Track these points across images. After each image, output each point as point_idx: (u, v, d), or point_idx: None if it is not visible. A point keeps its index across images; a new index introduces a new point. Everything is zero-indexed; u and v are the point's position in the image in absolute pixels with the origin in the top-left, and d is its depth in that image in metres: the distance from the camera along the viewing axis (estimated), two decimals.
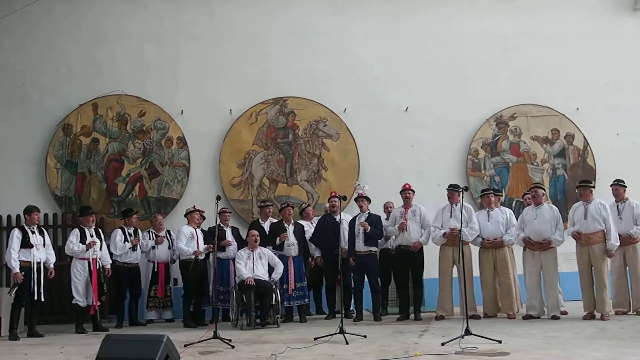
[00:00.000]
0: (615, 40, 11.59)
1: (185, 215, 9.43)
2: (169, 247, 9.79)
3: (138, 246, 9.49)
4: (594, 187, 8.78)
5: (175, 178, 10.81)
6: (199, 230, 9.26)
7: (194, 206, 9.44)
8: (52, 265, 8.52)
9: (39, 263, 8.30)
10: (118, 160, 10.79)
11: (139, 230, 9.77)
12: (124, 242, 9.39)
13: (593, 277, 8.32)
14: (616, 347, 6.06)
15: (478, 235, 8.93)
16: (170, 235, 9.90)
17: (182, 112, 10.96)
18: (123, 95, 10.89)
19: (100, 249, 8.92)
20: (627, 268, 8.73)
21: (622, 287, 8.72)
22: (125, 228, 9.56)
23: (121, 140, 10.85)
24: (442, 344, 6.35)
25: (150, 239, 9.78)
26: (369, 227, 8.82)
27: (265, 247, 9.15)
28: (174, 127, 10.91)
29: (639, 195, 9.13)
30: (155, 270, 9.74)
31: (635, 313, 8.53)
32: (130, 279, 9.45)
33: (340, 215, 8.57)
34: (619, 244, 8.37)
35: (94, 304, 8.70)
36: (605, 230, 8.29)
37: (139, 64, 11.10)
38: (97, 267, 8.79)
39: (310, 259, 9.43)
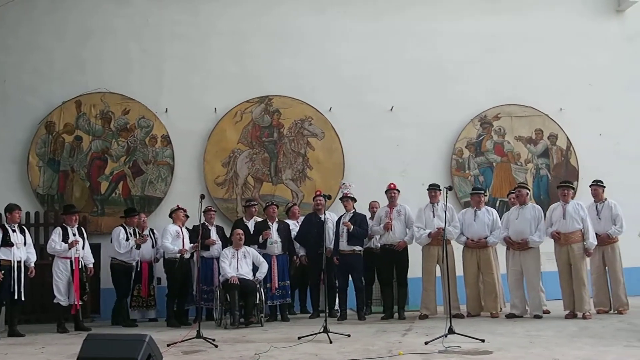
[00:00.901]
0: (598, 42, 11.71)
1: (170, 214, 9.37)
2: (153, 246, 9.72)
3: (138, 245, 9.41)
4: (574, 188, 8.84)
5: (159, 177, 10.75)
6: (184, 229, 9.21)
7: (178, 205, 9.38)
8: (32, 264, 8.42)
9: (19, 262, 8.20)
10: (101, 158, 10.73)
11: (142, 230, 9.75)
12: (126, 241, 9.32)
13: (572, 276, 8.39)
14: (597, 345, 6.11)
15: (461, 234, 8.97)
16: (153, 234, 9.84)
17: (166, 110, 10.91)
18: (107, 93, 10.84)
19: (83, 247, 8.84)
20: (606, 268, 8.80)
21: (602, 286, 8.79)
22: (126, 227, 9.47)
23: (104, 139, 10.78)
24: (426, 343, 6.37)
25: (134, 237, 9.70)
26: (352, 227, 8.83)
27: (250, 246, 9.12)
28: (158, 126, 10.85)
29: (621, 195, 9.23)
30: (139, 269, 9.67)
31: (616, 312, 8.61)
32: (127, 278, 9.36)
33: (325, 215, 8.57)
34: (596, 243, 8.45)
35: (76, 303, 8.62)
36: (583, 230, 8.38)
37: (123, 61, 11.05)
38: (80, 266, 8.71)
39: (295, 257, 9.42)
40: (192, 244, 9.08)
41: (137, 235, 9.63)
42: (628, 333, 6.84)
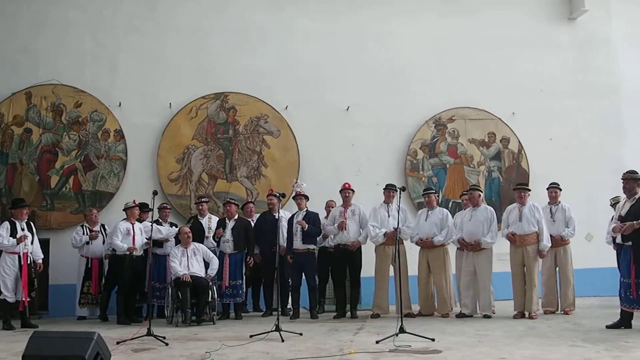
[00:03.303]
0: (550, 48, 11.98)
1: (125, 210, 9.16)
2: (104, 243, 9.55)
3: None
4: (529, 190, 9.03)
5: (111, 171, 10.56)
6: (136, 226, 9.06)
7: (134, 201, 9.22)
8: None
9: None
10: (52, 151, 10.47)
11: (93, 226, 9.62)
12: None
13: (525, 278, 8.58)
14: (543, 345, 6.26)
15: (417, 234, 9.07)
16: (105, 230, 9.67)
17: (120, 105, 10.72)
18: (59, 85, 10.59)
19: (32, 243, 8.64)
20: (557, 269, 9.02)
21: (551, 287, 9.01)
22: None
23: (55, 132, 10.53)
24: (377, 342, 6.42)
25: (84, 233, 9.53)
26: (307, 226, 8.84)
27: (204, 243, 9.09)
28: (111, 120, 10.66)
29: (569, 199, 9.47)
30: (89, 265, 9.49)
31: (563, 312, 8.84)
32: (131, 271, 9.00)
33: (279, 213, 8.56)
34: (550, 245, 8.65)
35: (24, 299, 8.41)
36: (538, 232, 8.57)
37: (76, 54, 10.81)
38: (28, 262, 8.50)
39: (248, 257, 9.36)
40: (145, 241, 8.94)
41: (88, 231, 9.48)
42: (573, 333, 7.03)
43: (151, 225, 8.12)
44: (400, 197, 8.06)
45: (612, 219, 8.79)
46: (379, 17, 11.57)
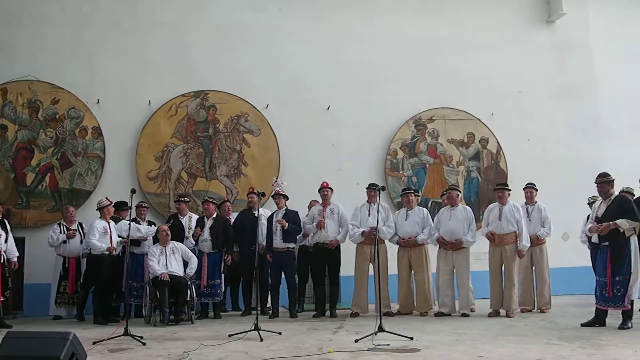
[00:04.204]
0: (528, 51, 12.10)
1: (99, 209, 9.06)
2: (81, 242, 9.44)
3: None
4: (510, 190, 9.12)
5: (89, 169, 10.44)
6: (112, 224, 8.98)
7: (107, 198, 9.13)
8: None
9: None
10: (27, 149, 10.32)
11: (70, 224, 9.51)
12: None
13: (502, 277, 8.65)
14: (520, 343, 6.32)
15: (395, 234, 9.10)
16: (82, 228, 9.56)
17: (98, 102, 10.61)
18: (35, 81, 10.43)
19: (6, 241, 8.52)
20: (534, 268, 9.11)
21: (528, 286, 9.10)
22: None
23: (32, 128, 10.38)
24: (356, 341, 6.43)
25: (61, 232, 9.41)
26: (287, 225, 8.83)
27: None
28: (89, 117, 10.54)
29: (546, 199, 9.58)
30: (66, 265, 9.38)
31: (539, 311, 8.93)
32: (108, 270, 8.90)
33: (259, 211, 8.54)
34: (529, 245, 8.75)
35: None
36: (517, 232, 8.65)
37: (53, 49, 10.64)
38: (2, 261, 8.38)
39: (226, 256, 9.31)
40: (120, 239, 8.86)
41: (65, 230, 9.38)
42: (549, 331, 7.12)
43: (129, 224, 8.05)
44: (379, 197, 8.09)
45: (587, 219, 8.92)
46: (360, 18, 11.59)
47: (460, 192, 9.45)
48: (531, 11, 12.33)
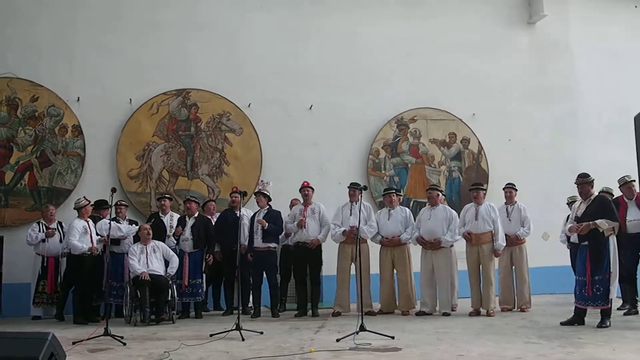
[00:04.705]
0: (510, 51, 12.20)
1: (77, 209, 8.94)
2: (60, 241, 9.34)
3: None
4: (485, 189, 9.17)
5: (68, 168, 10.34)
6: (91, 224, 8.89)
7: (85, 197, 9.03)
8: None
9: None
10: (6, 147, 10.18)
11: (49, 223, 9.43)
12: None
13: (480, 276, 8.72)
14: (500, 342, 6.36)
15: (378, 233, 9.12)
16: (62, 227, 9.46)
17: (78, 99, 10.51)
18: (14, 78, 10.30)
19: None
20: (513, 267, 9.18)
21: (508, 285, 9.17)
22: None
23: (10, 126, 10.25)
24: (337, 340, 6.43)
25: (40, 231, 9.31)
26: (267, 224, 8.81)
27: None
28: (69, 115, 10.44)
29: (527, 199, 9.66)
30: (45, 264, 9.28)
31: (519, 310, 8.99)
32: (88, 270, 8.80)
33: (241, 211, 8.52)
34: (505, 244, 8.83)
35: None
36: (493, 231, 8.72)
37: (32, 46, 10.52)
38: None
39: (207, 256, 9.28)
40: (99, 237, 8.79)
41: (44, 228, 9.28)
42: (529, 330, 7.17)
43: (110, 223, 7.98)
44: (361, 196, 8.11)
45: (566, 219, 9.02)
46: (342, 17, 11.59)
47: (440, 192, 9.49)
48: (512, 13, 12.43)
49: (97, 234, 8.85)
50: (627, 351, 5.69)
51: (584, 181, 7.58)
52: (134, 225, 9.38)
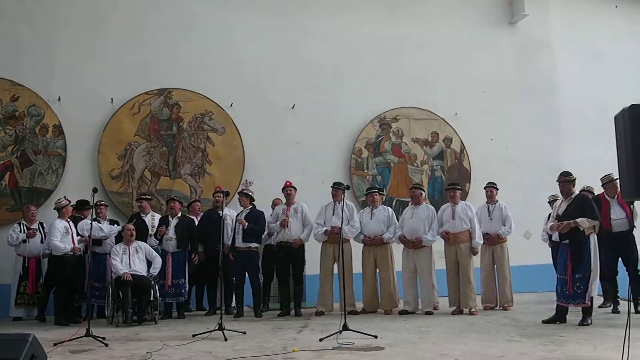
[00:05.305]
0: (491, 51, 12.27)
1: (58, 209, 8.85)
2: (42, 241, 9.25)
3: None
4: (460, 189, 9.25)
5: (49, 168, 10.24)
6: (71, 224, 8.81)
7: (65, 197, 8.95)
8: None
9: None
10: None
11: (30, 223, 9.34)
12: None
13: (459, 274, 8.77)
14: (482, 340, 6.41)
15: (360, 233, 9.13)
16: (43, 228, 9.37)
17: (59, 99, 10.41)
18: None
19: None
20: (495, 266, 9.24)
21: (490, 284, 9.22)
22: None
23: None
24: (320, 340, 6.44)
25: (21, 231, 9.22)
26: (247, 224, 8.79)
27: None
28: (49, 114, 10.34)
29: (509, 197, 9.73)
30: (26, 265, 9.19)
31: (501, 308, 9.05)
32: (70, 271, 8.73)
33: (224, 211, 8.49)
34: (482, 242, 8.90)
35: None
36: (470, 230, 8.77)
37: (12, 45, 10.40)
38: None
39: (192, 255, 9.24)
40: (80, 237, 8.72)
41: (25, 229, 9.19)
42: (511, 328, 7.22)
43: (91, 223, 7.92)
44: (344, 195, 8.12)
45: (548, 217, 9.09)
46: (325, 16, 11.60)
47: (424, 191, 9.54)
48: (494, 12, 12.50)
49: (79, 235, 8.78)
50: (608, 349, 5.74)
51: (565, 179, 7.65)
52: (115, 225, 9.32)
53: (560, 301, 7.49)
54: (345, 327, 6.66)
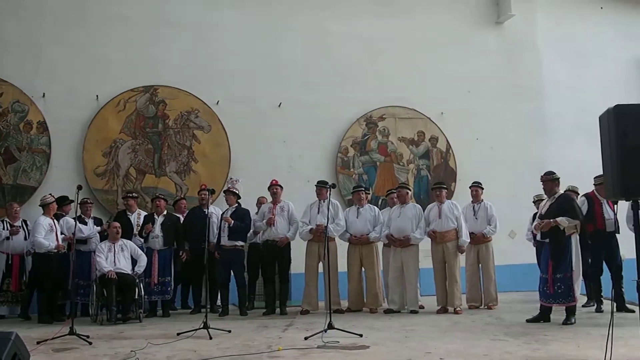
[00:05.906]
0: (478, 51, 12.31)
1: (43, 206, 8.78)
2: (25, 238, 9.17)
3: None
4: (446, 188, 9.29)
5: (33, 165, 10.16)
6: (56, 221, 8.74)
7: (51, 194, 8.88)
8: None
9: None
10: None
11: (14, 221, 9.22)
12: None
13: (446, 273, 8.80)
14: (467, 339, 6.44)
15: (346, 231, 9.14)
16: (26, 225, 9.29)
17: (43, 95, 10.32)
18: None
19: None
20: (480, 265, 9.28)
21: (474, 283, 9.27)
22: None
23: None
24: (305, 338, 6.45)
25: (4, 229, 9.13)
26: (232, 222, 8.77)
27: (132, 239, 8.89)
28: (34, 111, 10.25)
29: (494, 197, 9.78)
30: (9, 262, 9.10)
31: (486, 307, 9.09)
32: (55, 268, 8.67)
33: (209, 209, 8.46)
34: (469, 240, 8.93)
35: None
36: (457, 228, 8.81)
37: None
38: None
39: (180, 253, 9.21)
40: (63, 236, 8.66)
41: (8, 226, 9.11)
42: (495, 327, 7.27)
43: (75, 222, 7.86)
44: (330, 194, 8.12)
45: (533, 217, 9.15)
46: (312, 15, 11.58)
47: (410, 190, 9.56)
48: (480, 12, 12.54)
49: (62, 233, 8.71)
50: (591, 347, 5.78)
51: (547, 178, 7.70)
52: (99, 227, 9.26)
53: (542, 300, 7.54)
54: (330, 326, 6.67)
